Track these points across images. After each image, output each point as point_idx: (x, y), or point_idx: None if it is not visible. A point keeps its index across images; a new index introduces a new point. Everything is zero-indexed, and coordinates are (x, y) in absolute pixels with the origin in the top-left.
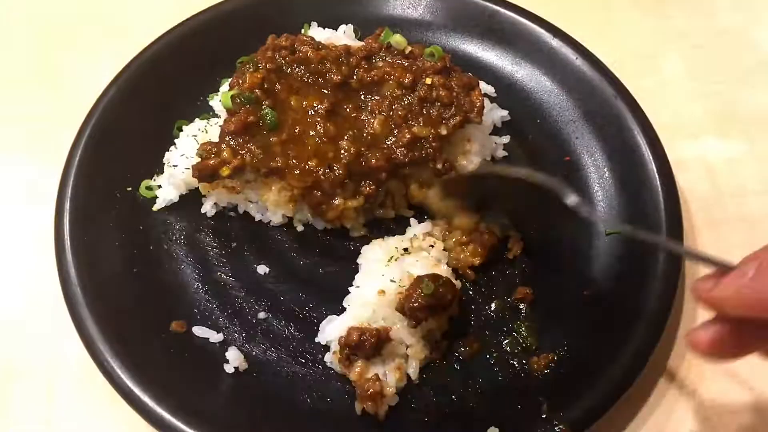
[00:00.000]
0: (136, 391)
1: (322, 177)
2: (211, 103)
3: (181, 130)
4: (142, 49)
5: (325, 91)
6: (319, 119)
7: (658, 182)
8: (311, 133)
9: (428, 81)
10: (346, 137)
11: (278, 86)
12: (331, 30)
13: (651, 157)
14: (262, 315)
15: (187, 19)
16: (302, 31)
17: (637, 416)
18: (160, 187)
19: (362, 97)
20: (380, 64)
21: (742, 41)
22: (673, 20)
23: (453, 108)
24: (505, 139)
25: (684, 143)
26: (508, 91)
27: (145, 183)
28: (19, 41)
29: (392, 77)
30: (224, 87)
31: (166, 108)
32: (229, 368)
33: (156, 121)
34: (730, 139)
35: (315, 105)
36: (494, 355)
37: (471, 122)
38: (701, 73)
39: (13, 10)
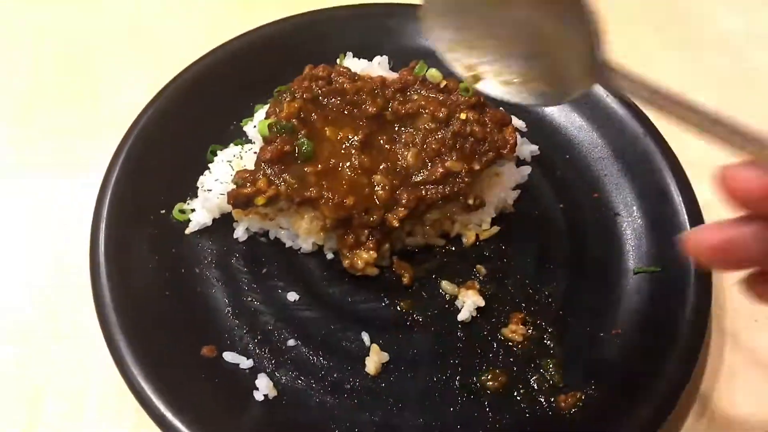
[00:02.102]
0: (168, 415)
1: (356, 216)
2: (245, 128)
3: (215, 155)
4: (178, 72)
5: (360, 123)
6: (353, 151)
7: (688, 226)
8: (346, 164)
9: (462, 116)
10: (379, 169)
11: (314, 116)
12: (366, 60)
13: (680, 200)
14: (291, 342)
15: (223, 45)
16: (338, 60)
17: None
18: (193, 210)
19: (396, 129)
20: (415, 97)
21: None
22: (701, 60)
23: (486, 144)
24: (528, 169)
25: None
26: (537, 126)
27: (179, 206)
28: (57, 60)
29: (427, 111)
30: (259, 113)
31: (199, 132)
32: (258, 396)
33: (189, 144)
34: None
35: (350, 136)
36: (521, 390)
37: (503, 158)
38: (729, 112)
39: (50, 30)
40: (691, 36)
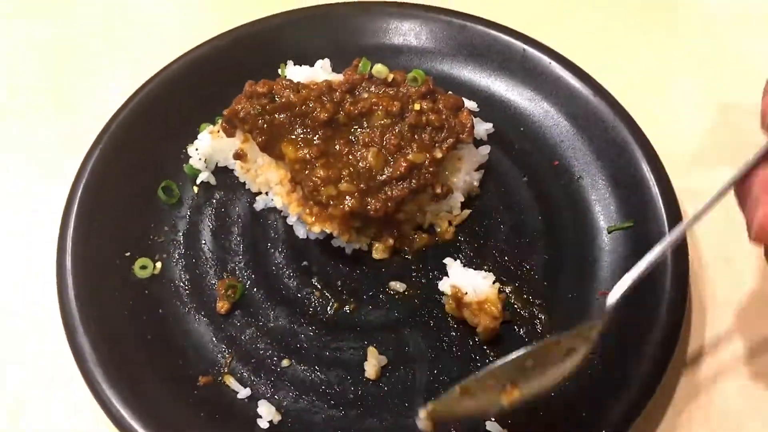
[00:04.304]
0: None
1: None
2: (189, 152)
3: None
4: (114, 113)
5: (316, 135)
6: (317, 165)
7: (650, 173)
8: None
9: (417, 107)
10: (343, 176)
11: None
12: (307, 67)
13: (639, 153)
14: (285, 363)
15: (158, 72)
16: (279, 71)
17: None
18: (157, 262)
19: (352, 131)
20: (365, 95)
21: (754, 67)
22: (685, 44)
23: (444, 131)
24: (487, 149)
25: (696, 173)
26: (488, 104)
27: (140, 262)
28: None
29: (380, 107)
30: (203, 134)
31: (150, 166)
32: (263, 423)
33: (140, 181)
34: None
35: (308, 152)
36: None
37: (462, 142)
38: (714, 100)
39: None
40: (675, 19)
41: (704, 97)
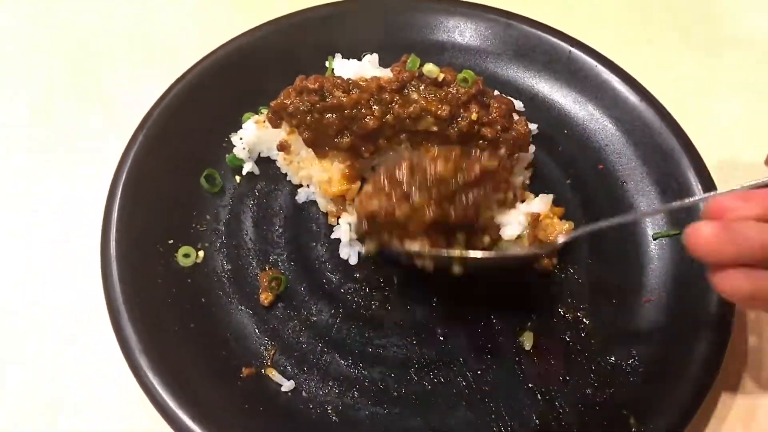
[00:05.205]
0: None
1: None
2: (233, 140)
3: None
4: (156, 101)
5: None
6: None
7: (697, 181)
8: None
9: (474, 116)
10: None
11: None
12: (355, 61)
13: (686, 159)
14: (328, 358)
15: (201, 60)
16: (326, 64)
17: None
18: (200, 251)
19: (405, 136)
20: (414, 95)
21: None
22: (726, 61)
23: (502, 145)
24: (532, 148)
25: (741, 181)
26: (533, 104)
27: (183, 250)
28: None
29: (430, 113)
30: (247, 124)
31: (191, 154)
32: (306, 416)
33: (184, 169)
34: None
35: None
36: (567, 379)
37: (521, 150)
38: (760, 111)
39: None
40: (715, 36)
41: (750, 108)
